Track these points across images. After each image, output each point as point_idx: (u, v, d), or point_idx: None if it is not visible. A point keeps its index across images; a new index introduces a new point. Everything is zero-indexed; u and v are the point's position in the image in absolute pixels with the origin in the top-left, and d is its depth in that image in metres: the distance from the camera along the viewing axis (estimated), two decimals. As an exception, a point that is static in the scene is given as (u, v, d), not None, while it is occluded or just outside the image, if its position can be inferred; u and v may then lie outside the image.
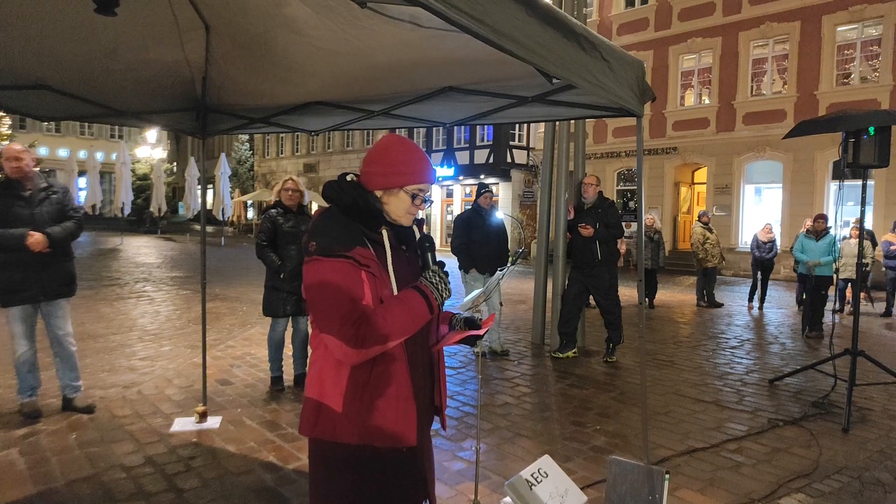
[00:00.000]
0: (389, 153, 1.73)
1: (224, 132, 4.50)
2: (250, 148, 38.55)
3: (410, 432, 1.68)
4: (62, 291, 4.24)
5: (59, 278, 4.20)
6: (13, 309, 4.08)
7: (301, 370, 5.08)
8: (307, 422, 1.70)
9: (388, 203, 1.72)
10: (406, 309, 1.62)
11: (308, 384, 1.74)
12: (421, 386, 1.75)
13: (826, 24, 16.19)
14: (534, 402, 4.99)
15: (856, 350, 4.87)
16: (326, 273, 1.58)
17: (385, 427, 1.64)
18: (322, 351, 1.69)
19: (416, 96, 3.39)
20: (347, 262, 1.58)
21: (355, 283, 1.58)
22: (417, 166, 1.73)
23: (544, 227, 7.32)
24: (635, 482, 2.76)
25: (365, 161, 1.77)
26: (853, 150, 4.73)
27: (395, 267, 1.68)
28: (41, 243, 3.99)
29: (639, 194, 2.79)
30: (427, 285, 1.69)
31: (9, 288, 4.03)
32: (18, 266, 4.01)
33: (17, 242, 3.93)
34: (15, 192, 4.05)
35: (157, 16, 2.98)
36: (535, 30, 1.80)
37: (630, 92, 2.51)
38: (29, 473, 3.36)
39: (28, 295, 4.08)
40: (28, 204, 4.07)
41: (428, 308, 1.66)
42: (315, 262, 1.60)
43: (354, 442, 1.64)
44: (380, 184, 1.71)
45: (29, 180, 4.12)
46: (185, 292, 10.86)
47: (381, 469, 1.68)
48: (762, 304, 10.79)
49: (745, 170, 18.16)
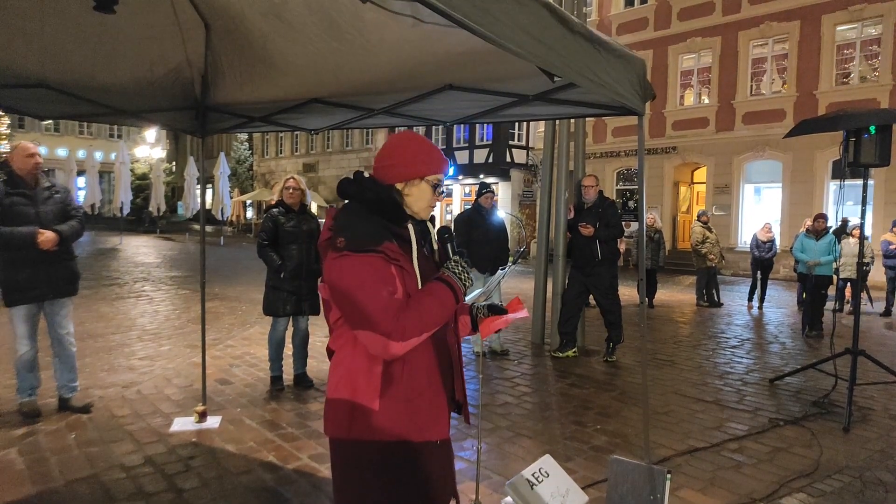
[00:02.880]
0: (409, 146, 1.75)
1: (224, 131, 4.49)
2: (249, 147, 38.51)
3: (444, 424, 1.71)
4: (67, 290, 4.24)
5: (65, 277, 4.20)
6: (18, 308, 4.06)
7: (301, 370, 5.07)
8: (339, 424, 1.66)
9: (410, 195, 1.73)
10: (436, 300, 1.62)
11: (335, 385, 1.69)
12: (446, 379, 1.75)
13: (826, 23, 16.20)
14: (534, 401, 4.99)
15: (856, 349, 4.87)
16: (360, 268, 1.56)
17: (421, 421, 1.65)
18: (349, 350, 1.66)
19: (416, 94, 3.38)
20: (379, 256, 1.57)
21: (389, 277, 1.58)
22: (437, 156, 1.77)
23: (544, 227, 7.31)
24: (636, 482, 2.76)
25: (381, 157, 1.76)
26: (854, 149, 4.72)
27: (418, 262, 1.69)
28: (52, 241, 3.99)
29: (640, 193, 2.78)
30: (450, 275, 1.69)
31: (15, 287, 4.01)
32: (25, 265, 3.99)
33: (26, 241, 3.92)
34: (20, 190, 4.03)
35: (157, 14, 2.97)
36: (537, 27, 1.79)
37: (632, 90, 2.49)
38: (28, 473, 3.35)
39: (34, 294, 4.06)
40: (33, 202, 4.05)
41: (454, 298, 1.67)
42: (346, 258, 1.58)
43: (392, 439, 1.62)
44: (401, 175, 1.72)
45: (36, 179, 4.13)
46: (184, 292, 10.85)
47: (418, 464, 1.67)
48: (762, 303, 10.79)
49: (744, 169, 18.16)
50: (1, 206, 3.93)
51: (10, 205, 3.95)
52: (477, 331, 1.98)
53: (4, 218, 3.92)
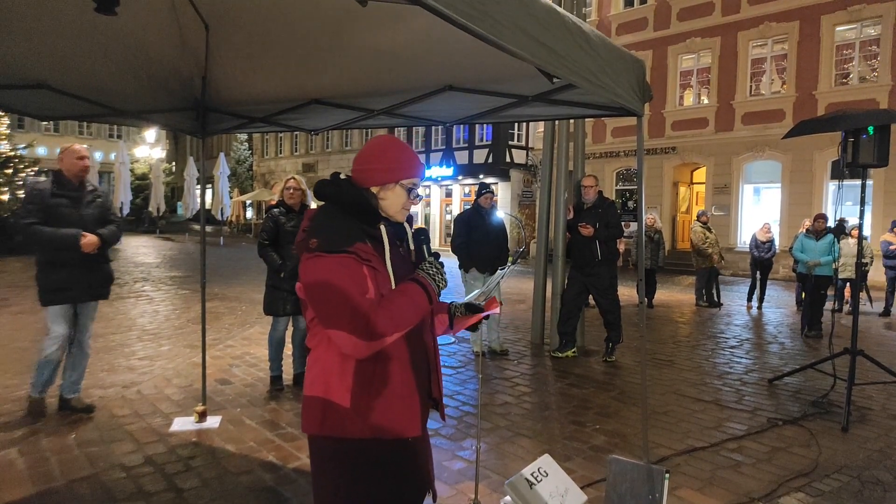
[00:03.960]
0: (386, 151, 1.80)
1: (224, 131, 4.51)
2: (249, 148, 38.53)
3: (415, 423, 1.73)
4: (100, 293, 4.30)
5: (100, 280, 4.26)
6: (54, 308, 4.09)
7: (301, 369, 5.07)
8: (312, 420, 1.70)
9: (385, 198, 1.77)
10: (408, 300, 1.66)
11: (310, 383, 1.73)
12: (421, 377, 1.78)
13: (825, 23, 16.21)
14: (533, 401, 5.00)
15: (855, 349, 4.88)
16: (331, 268, 1.60)
17: (392, 419, 1.67)
18: (324, 348, 1.70)
19: (416, 95, 3.39)
20: (351, 257, 1.61)
21: (360, 278, 1.61)
22: (412, 162, 1.81)
23: (544, 227, 7.32)
24: (635, 481, 2.76)
25: (359, 160, 1.81)
26: (852, 149, 4.73)
27: (392, 262, 1.72)
28: (94, 245, 4.05)
29: (640, 194, 2.79)
30: (424, 276, 1.74)
31: (54, 287, 4.04)
32: (63, 266, 4.03)
33: (69, 243, 3.97)
34: (65, 192, 4.08)
35: (157, 15, 2.98)
36: (536, 29, 1.80)
37: (630, 91, 2.50)
38: (28, 473, 3.35)
39: (70, 295, 4.10)
40: (76, 205, 4.10)
41: (427, 298, 1.71)
42: (318, 259, 1.62)
43: (363, 436, 1.65)
44: (378, 179, 1.77)
45: (81, 181, 4.18)
46: (184, 292, 10.86)
47: (389, 460, 1.70)
48: (761, 303, 10.81)
49: (743, 169, 18.18)
50: (46, 207, 3.97)
51: (55, 206, 4.00)
52: (452, 328, 2.03)
53: (48, 218, 3.96)
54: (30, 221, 3.93)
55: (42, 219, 3.95)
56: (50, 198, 4.00)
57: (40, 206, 3.98)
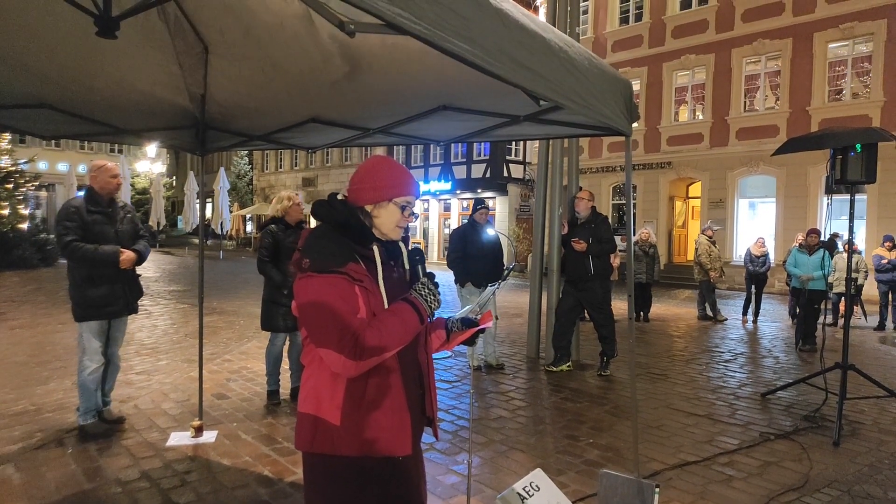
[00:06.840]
0: (378, 171, 1.84)
1: (223, 149, 4.58)
2: (249, 162, 38.69)
3: (406, 441, 1.74)
4: (135, 307, 4.38)
5: (136, 294, 4.35)
6: (90, 323, 4.10)
7: (297, 384, 5.09)
8: (304, 437, 1.73)
9: (379, 216, 1.80)
10: (399, 320, 1.68)
11: (302, 400, 1.76)
12: (413, 396, 1.79)
13: (817, 41, 16.44)
14: (528, 415, 5.02)
15: (846, 364, 4.92)
16: (322, 288, 1.63)
17: (382, 437, 1.69)
18: (316, 366, 1.73)
19: (411, 114, 3.46)
20: (342, 277, 1.64)
21: (351, 298, 1.64)
22: (405, 180, 1.85)
23: (539, 242, 7.39)
24: (626, 496, 2.79)
25: (354, 180, 1.85)
26: (840, 166, 4.82)
27: (385, 281, 1.75)
28: (132, 261, 4.15)
29: (628, 211, 2.86)
30: (417, 297, 1.75)
31: (90, 303, 4.07)
32: (103, 281, 4.08)
33: (109, 259, 4.04)
34: (100, 208, 4.15)
35: (157, 38, 3.05)
36: (521, 54, 1.86)
37: (617, 111, 2.57)
38: (24, 489, 3.37)
39: (109, 310, 4.15)
40: (111, 221, 4.18)
41: (419, 319, 1.72)
42: (310, 279, 1.66)
43: (353, 454, 1.68)
44: (371, 198, 1.80)
45: (112, 198, 4.25)
46: (182, 306, 10.88)
47: (379, 479, 1.72)
48: (756, 317, 10.85)
49: (738, 184, 18.32)
50: (84, 224, 4.03)
51: (91, 223, 4.07)
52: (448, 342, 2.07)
53: (87, 235, 4.02)
54: (71, 239, 3.98)
55: (81, 236, 4.01)
56: (87, 215, 4.07)
57: (79, 223, 4.03)
